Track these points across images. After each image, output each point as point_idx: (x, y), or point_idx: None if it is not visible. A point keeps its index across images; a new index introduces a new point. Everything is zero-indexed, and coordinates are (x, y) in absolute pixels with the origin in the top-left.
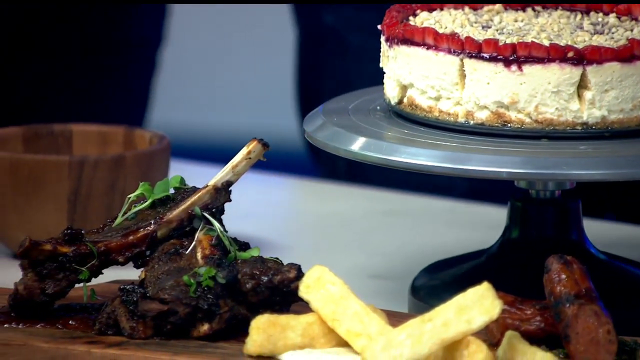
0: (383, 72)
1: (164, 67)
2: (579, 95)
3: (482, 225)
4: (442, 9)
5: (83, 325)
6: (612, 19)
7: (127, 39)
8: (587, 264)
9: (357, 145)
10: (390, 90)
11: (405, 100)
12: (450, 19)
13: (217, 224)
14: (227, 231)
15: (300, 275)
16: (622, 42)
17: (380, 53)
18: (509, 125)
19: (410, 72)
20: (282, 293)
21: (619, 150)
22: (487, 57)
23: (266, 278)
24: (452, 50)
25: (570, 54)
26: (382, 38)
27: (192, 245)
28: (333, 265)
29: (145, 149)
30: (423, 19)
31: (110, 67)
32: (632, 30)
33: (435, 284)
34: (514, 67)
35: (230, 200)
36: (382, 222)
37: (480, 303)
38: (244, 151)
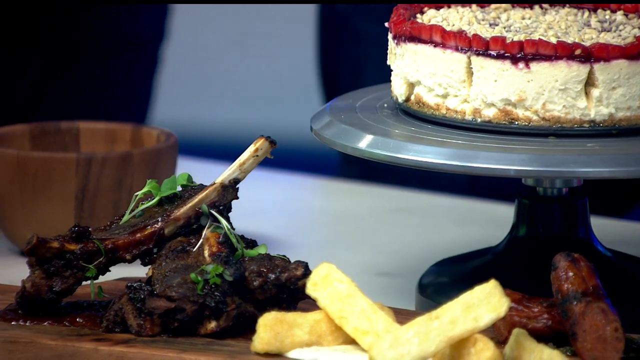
0: (390, 69)
1: (171, 65)
2: (586, 93)
3: (490, 223)
4: (449, 7)
5: (90, 323)
6: (619, 16)
7: (129, 36)
8: (595, 262)
9: (365, 143)
10: (398, 88)
11: (412, 97)
12: (457, 17)
13: (224, 222)
14: (234, 229)
15: (307, 272)
16: (630, 39)
17: (388, 50)
18: (516, 122)
19: (417, 69)
20: (289, 290)
21: (626, 148)
22: (495, 54)
23: (273, 275)
24: (460, 47)
25: (577, 52)
26: (390, 36)
27: (199, 243)
28: (340, 262)
29: (153, 146)
30: (430, 16)
31: (112, 65)
32: (639, 28)
33: (442, 281)
34: (521, 65)
35: (238, 197)
36: (389, 220)
37: (488, 301)
38: (251, 149)
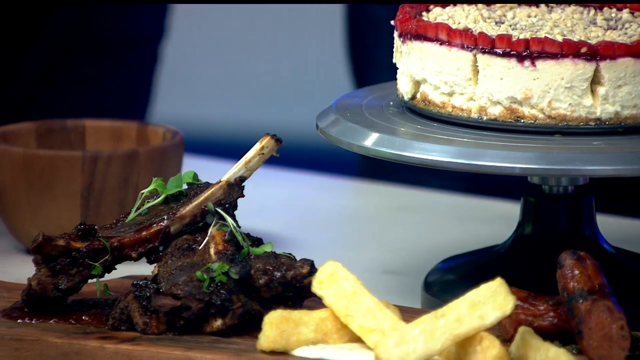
0: (396, 67)
1: (178, 63)
2: (592, 91)
3: (495, 221)
4: (455, 5)
5: (96, 321)
6: (625, 14)
7: (129, 34)
8: (600, 260)
9: (370, 141)
10: (404, 86)
11: (418, 95)
12: (463, 15)
13: (230, 220)
14: (240, 227)
15: (313, 270)
16: (636, 37)
17: (394, 49)
18: (522, 120)
19: (423, 67)
20: (295, 289)
21: (632, 146)
22: (501, 52)
23: (279, 274)
24: (466, 45)
25: (583, 50)
26: (395, 34)
27: (205, 241)
28: (346, 260)
29: (159, 144)
30: (436, 14)
31: (112, 63)
32: None
33: (448, 279)
34: (527, 63)
35: (243, 195)
36: (395, 218)
37: (494, 299)
38: (257, 147)
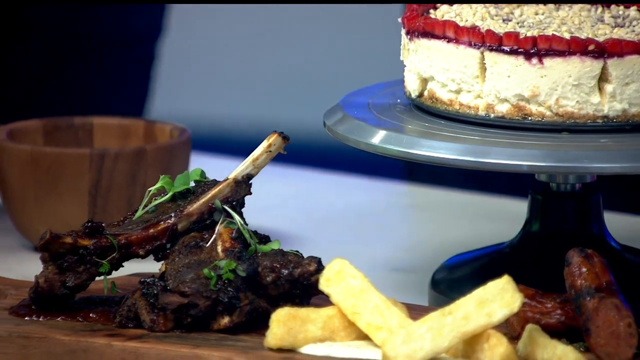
0: (404, 65)
1: (186, 60)
2: (599, 89)
3: (503, 218)
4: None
5: (103, 318)
6: (633, 12)
7: (126, 32)
8: (608, 257)
9: (378, 139)
10: (411, 84)
11: (425, 93)
12: (470, 12)
13: (237, 217)
14: (247, 224)
15: (320, 268)
16: None
17: (401, 46)
18: (529, 118)
19: (430, 65)
20: (302, 286)
21: (639, 144)
22: (508, 50)
23: (286, 271)
24: (473, 43)
25: (591, 47)
26: (403, 31)
27: (212, 238)
28: (353, 258)
29: (166, 141)
30: (443, 12)
31: (110, 61)
32: None
33: (455, 277)
34: (534, 60)
35: (251, 193)
36: (402, 216)
37: (501, 296)
38: (264, 144)
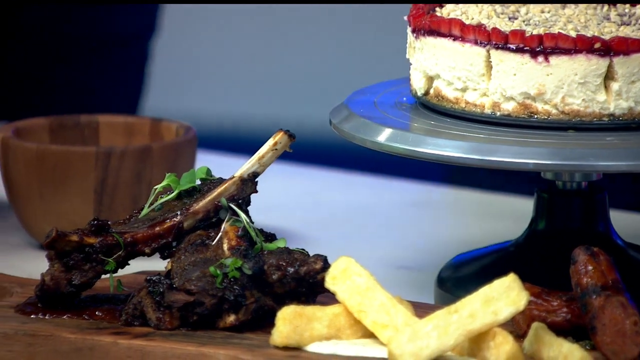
0: (409, 63)
1: (192, 58)
2: (605, 87)
3: (509, 216)
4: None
5: (109, 316)
6: (639, 10)
7: (119, 32)
8: (614, 256)
9: (384, 137)
10: (417, 82)
11: (431, 91)
12: (476, 10)
13: (243, 215)
14: (253, 222)
15: (326, 266)
16: None
17: (407, 44)
18: (535, 116)
19: (436, 63)
20: (308, 284)
21: None
22: (514, 48)
23: (292, 269)
24: (479, 41)
25: (597, 45)
26: (409, 29)
27: (218, 237)
28: (359, 256)
29: (172, 140)
30: (449, 10)
31: (103, 60)
32: None
33: (461, 275)
34: (540, 59)
35: (257, 191)
36: (408, 214)
37: (507, 294)
38: (270, 142)
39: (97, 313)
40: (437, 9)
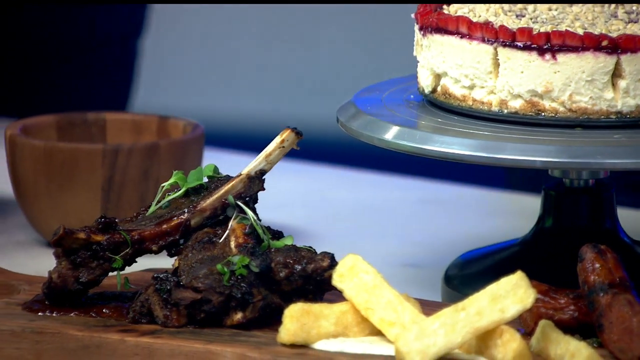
0: (417, 60)
1: (199, 55)
2: (613, 84)
3: (516, 214)
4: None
5: (117, 314)
6: None
7: (107, 31)
8: (621, 253)
9: (391, 134)
10: (424, 79)
11: (438, 89)
12: (484, 8)
13: (250, 213)
14: (260, 220)
15: (333, 263)
16: None
17: (414, 42)
18: (542, 114)
19: (443, 60)
20: (315, 282)
21: None
22: (521, 45)
23: (299, 267)
24: (486, 39)
25: (604, 43)
26: (416, 27)
27: (225, 234)
28: (366, 253)
29: (179, 137)
30: (457, 7)
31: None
32: None
33: (468, 272)
34: (548, 56)
35: (264, 188)
36: (415, 211)
37: (514, 292)
38: (277, 140)
39: (104, 310)
40: (445, 6)
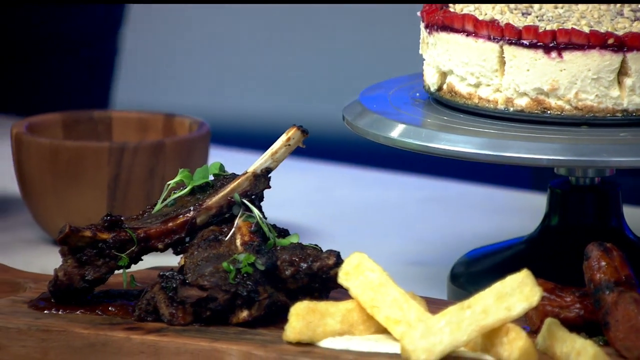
0: (423, 58)
1: (206, 54)
2: (619, 82)
3: (522, 212)
4: None
5: (122, 312)
6: None
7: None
8: (627, 251)
9: (397, 133)
10: (430, 77)
11: (444, 87)
12: (490, 5)
13: (256, 211)
14: (266, 218)
15: (339, 262)
16: None
17: (420, 40)
18: (548, 112)
19: (449, 58)
20: (321, 280)
21: None
22: (527, 43)
23: (305, 265)
24: (492, 37)
25: (610, 41)
26: (422, 25)
27: (231, 232)
28: (372, 252)
29: (185, 135)
30: (463, 5)
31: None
32: None
33: (474, 271)
34: (553, 54)
35: (270, 186)
36: (421, 209)
37: (520, 290)
38: (283, 138)
39: (110, 308)
40: (450, 4)
